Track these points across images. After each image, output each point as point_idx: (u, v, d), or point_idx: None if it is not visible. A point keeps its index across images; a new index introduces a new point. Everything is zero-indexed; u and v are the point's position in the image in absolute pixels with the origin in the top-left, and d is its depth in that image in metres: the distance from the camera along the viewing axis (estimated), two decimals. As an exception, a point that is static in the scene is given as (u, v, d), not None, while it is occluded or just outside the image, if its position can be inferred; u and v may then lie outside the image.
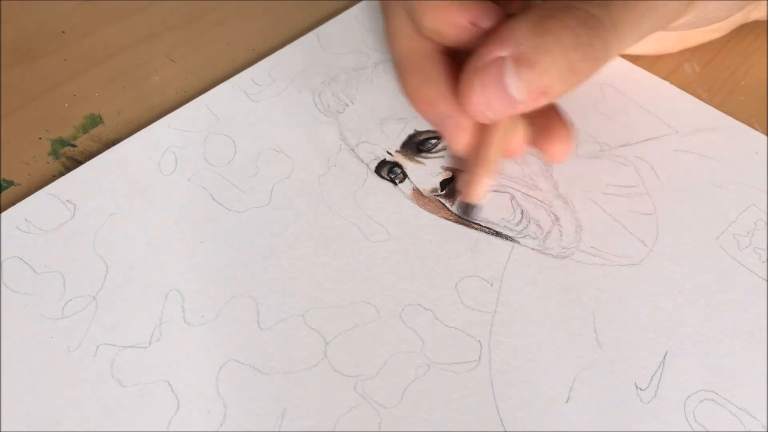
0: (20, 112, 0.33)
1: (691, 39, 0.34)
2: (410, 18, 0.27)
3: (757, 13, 0.34)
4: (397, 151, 0.31)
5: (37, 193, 0.29)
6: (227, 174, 0.30)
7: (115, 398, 0.24)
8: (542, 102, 0.24)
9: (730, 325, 0.26)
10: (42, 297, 0.26)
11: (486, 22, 0.26)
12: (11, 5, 0.37)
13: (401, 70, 0.28)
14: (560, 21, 0.23)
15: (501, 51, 0.23)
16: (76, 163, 0.30)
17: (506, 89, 0.24)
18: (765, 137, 0.31)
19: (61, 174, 0.30)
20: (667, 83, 0.34)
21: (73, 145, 0.31)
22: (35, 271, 0.26)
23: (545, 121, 0.28)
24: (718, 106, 0.33)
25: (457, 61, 0.27)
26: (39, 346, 0.25)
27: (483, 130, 0.27)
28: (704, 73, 0.34)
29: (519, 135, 0.27)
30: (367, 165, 0.30)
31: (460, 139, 0.27)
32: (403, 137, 0.31)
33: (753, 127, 0.32)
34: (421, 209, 0.29)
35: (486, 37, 0.25)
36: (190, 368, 0.24)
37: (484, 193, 0.28)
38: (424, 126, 0.32)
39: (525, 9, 0.24)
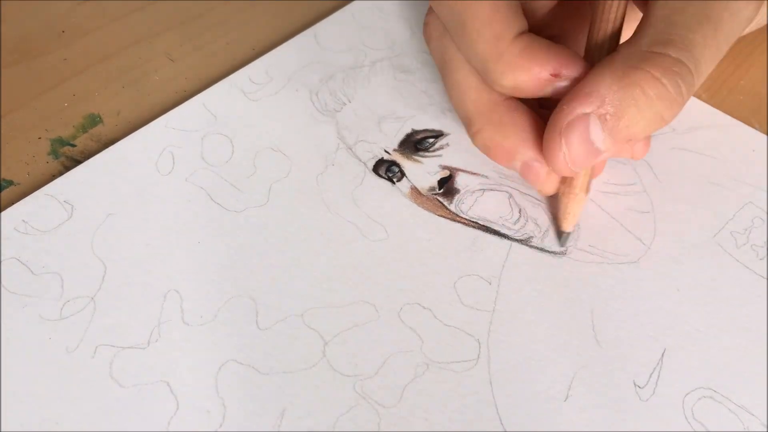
0: (20, 111, 0.32)
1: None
2: (480, 74, 0.27)
3: None
4: (395, 150, 0.31)
5: (35, 193, 0.28)
6: (225, 173, 0.30)
7: (114, 399, 0.24)
8: (628, 148, 0.24)
9: (728, 322, 0.26)
10: (40, 298, 0.26)
11: (568, 72, 0.25)
12: (11, 5, 0.37)
13: (473, 125, 0.28)
14: (645, 72, 0.23)
15: (585, 107, 0.23)
16: (75, 162, 0.30)
17: (591, 144, 0.23)
18: (762, 135, 0.31)
19: (61, 174, 0.30)
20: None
21: (73, 145, 0.31)
22: (33, 272, 0.26)
23: None
24: (718, 106, 0.33)
25: (529, 104, 0.27)
26: (37, 347, 0.25)
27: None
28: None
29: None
30: (365, 164, 0.30)
31: (549, 184, 0.27)
32: (401, 136, 0.31)
33: (753, 126, 0.32)
34: (419, 208, 0.29)
35: (569, 92, 0.24)
36: (189, 368, 0.24)
37: (577, 219, 0.28)
38: (421, 125, 0.32)
39: (606, 59, 0.24)
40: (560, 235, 0.28)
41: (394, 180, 0.30)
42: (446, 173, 0.30)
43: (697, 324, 0.26)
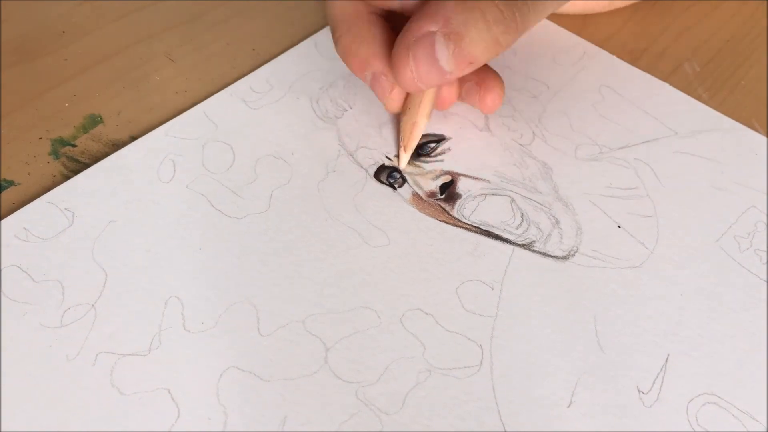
0: (20, 111, 0.33)
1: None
2: None
3: None
4: (395, 156, 0.31)
5: (35, 201, 0.28)
6: (226, 181, 0.30)
7: (115, 406, 0.24)
8: (468, 71, 0.26)
9: (732, 327, 0.26)
10: (41, 305, 0.26)
11: None
12: (11, 5, 0.37)
13: (336, 30, 0.29)
14: None
15: (431, 26, 0.25)
16: (76, 163, 0.30)
17: (437, 62, 0.25)
18: (764, 138, 0.31)
19: (61, 174, 0.30)
20: (665, 84, 0.34)
21: (73, 145, 0.31)
22: (34, 280, 0.26)
23: (478, 77, 0.30)
24: (718, 106, 0.32)
25: (390, 22, 0.29)
26: (38, 354, 0.25)
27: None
28: (704, 72, 0.34)
29: (449, 88, 0.30)
30: (366, 170, 0.30)
31: (393, 97, 0.29)
32: (402, 141, 0.31)
33: (753, 127, 0.32)
34: (421, 213, 0.29)
35: (415, 7, 0.27)
36: (191, 375, 0.24)
37: (404, 162, 0.30)
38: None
39: None
40: (399, 157, 0.30)
41: (396, 186, 0.30)
42: (448, 178, 0.30)
43: (701, 329, 0.26)
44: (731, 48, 0.35)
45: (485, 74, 0.30)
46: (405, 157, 0.30)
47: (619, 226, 0.28)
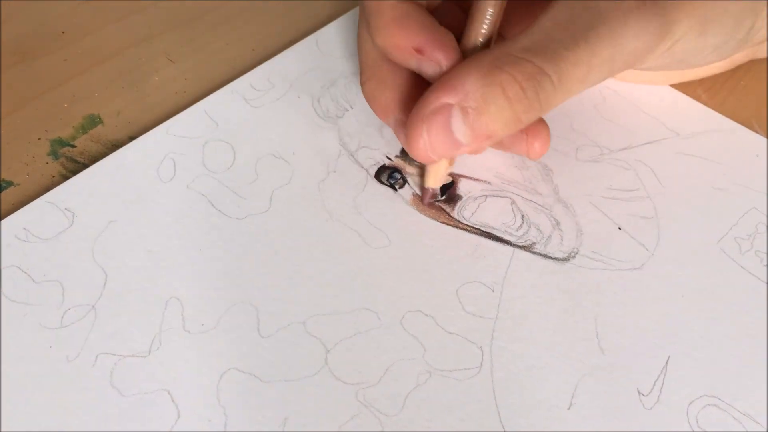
0: (20, 112, 0.32)
1: (678, 75, 0.33)
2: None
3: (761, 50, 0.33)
4: (396, 156, 0.31)
5: (35, 201, 0.28)
6: (226, 180, 0.30)
7: (115, 408, 0.24)
8: (487, 145, 0.25)
9: (733, 329, 0.26)
10: (41, 306, 0.26)
11: (432, 53, 0.26)
12: (11, 5, 0.37)
13: (362, 73, 0.29)
14: (508, 74, 0.24)
15: (449, 98, 0.24)
16: (75, 163, 0.30)
17: (452, 135, 0.24)
18: (765, 140, 0.31)
19: (60, 174, 0.30)
20: (666, 86, 0.34)
21: (73, 146, 0.31)
22: (34, 280, 0.26)
23: None
24: (718, 107, 0.32)
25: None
26: (38, 355, 0.25)
27: None
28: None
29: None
30: (367, 170, 0.30)
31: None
32: (403, 142, 0.31)
33: (753, 128, 0.32)
34: (422, 215, 0.29)
35: (433, 71, 0.26)
36: (191, 377, 0.24)
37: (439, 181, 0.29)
38: (423, 130, 0.31)
39: (475, 56, 0.25)
40: (421, 190, 0.29)
41: (396, 186, 0.30)
42: (448, 180, 0.30)
43: (702, 331, 0.26)
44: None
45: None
46: (427, 186, 0.29)
47: (619, 228, 0.28)
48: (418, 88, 0.27)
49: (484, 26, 0.26)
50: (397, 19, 0.26)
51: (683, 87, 0.33)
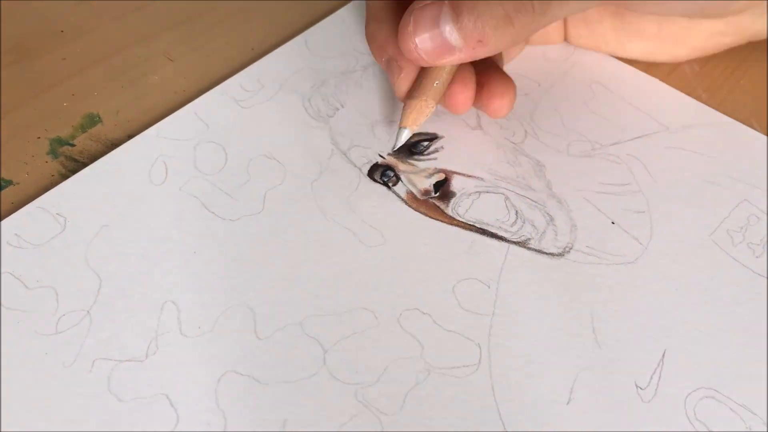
0: (19, 111, 0.32)
1: (702, 46, 0.33)
2: None
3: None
4: (389, 154, 0.31)
5: (26, 207, 0.28)
6: (219, 182, 0.29)
7: (113, 413, 0.23)
8: (480, 52, 0.25)
9: (727, 321, 0.26)
10: (35, 312, 0.25)
11: None
12: (10, 4, 0.37)
13: (366, 18, 0.29)
14: None
15: None
16: (74, 162, 0.30)
17: (442, 33, 0.24)
18: (752, 131, 0.32)
19: (60, 173, 0.30)
20: (655, 80, 0.34)
21: (72, 145, 0.31)
22: (27, 287, 0.26)
23: (488, 79, 0.29)
24: (718, 106, 0.33)
25: None
26: (34, 362, 0.24)
27: (421, 76, 0.28)
28: (703, 72, 0.34)
29: (466, 89, 0.28)
30: (360, 169, 0.30)
31: (401, 82, 0.28)
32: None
33: (752, 126, 0.32)
34: (416, 212, 0.29)
35: None
36: (189, 380, 0.24)
37: (401, 142, 0.29)
38: (415, 128, 0.31)
39: None
40: (399, 133, 0.29)
41: (390, 184, 0.30)
42: (442, 176, 0.30)
43: (697, 323, 0.26)
44: (731, 48, 0.35)
45: (496, 75, 0.29)
46: (401, 136, 0.29)
47: (613, 222, 0.29)
48: None
49: None
50: None
51: (683, 86, 0.34)
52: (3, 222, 0.28)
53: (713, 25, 0.32)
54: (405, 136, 0.29)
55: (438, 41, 0.25)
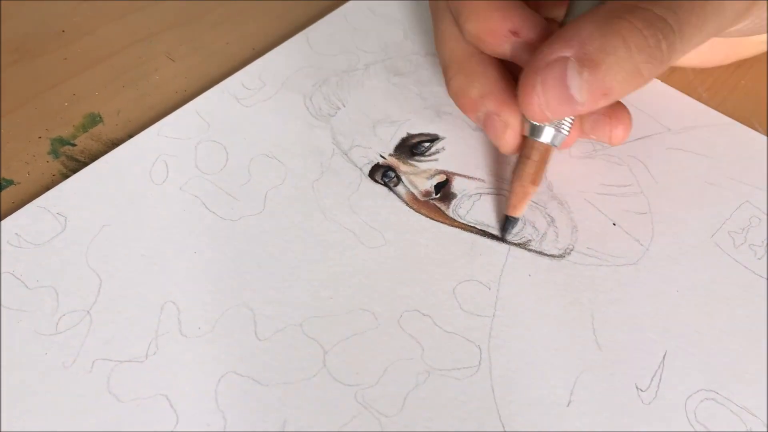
0: (20, 111, 0.32)
1: (742, 50, 0.33)
2: (455, 21, 0.28)
3: None
4: (390, 155, 0.31)
5: (26, 206, 0.28)
6: (220, 181, 0.29)
7: (113, 414, 0.23)
8: (602, 104, 0.24)
9: (728, 323, 0.26)
10: (35, 312, 0.25)
11: (528, 33, 0.26)
12: (11, 4, 0.37)
13: (447, 71, 0.29)
14: (627, 22, 0.23)
15: (565, 51, 0.23)
16: (75, 162, 0.30)
17: (568, 90, 0.23)
18: (754, 132, 0.31)
19: (61, 173, 0.30)
20: (656, 80, 0.34)
21: (73, 144, 0.31)
22: (27, 287, 0.26)
23: (602, 109, 0.28)
24: (718, 106, 0.33)
25: (504, 63, 0.28)
26: (34, 362, 0.24)
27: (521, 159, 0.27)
28: (704, 73, 0.34)
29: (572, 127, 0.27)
30: (361, 169, 0.30)
31: (507, 138, 0.27)
32: (396, 140, 0.31)
33: (753, 126, 0.32)
34: (417, 213, 0.29)
35: (527, 54, 0.25)
36: (188, 381, 0.24)
37: (526, 205, 0.28)
38: (416, 128, 0.31)
39: (591, 10, 0.24)
40: (504, 221, 0.28)
41: (391, 185, 0.30)
42: (442, 178, 0.30)
43: (697, 325, 0.26)
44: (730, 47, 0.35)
45: (612, 104, 0.28)
46: (509, 216, 0.28)
47: (614, 224, 0.28)
48: (508, 81, 0.27)
49: None
50: (492, 3, 0.26)
51: (684, 86, 0.34)
52: (3, 222, 0.28)
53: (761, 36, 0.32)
54: (514, 226, 0.28)
55: (565, 98, 0.23)
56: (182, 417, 0.23)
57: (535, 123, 0.26)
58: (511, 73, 0.28)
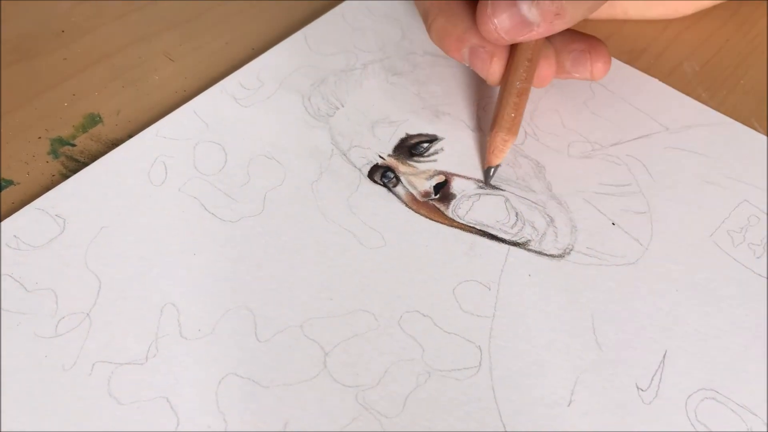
0: (20, 111, 0.32)
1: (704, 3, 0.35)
2: None
3: None
4: (389, 155, 0.31)
5: (25, 208, 0.28)
6: (218, 183, 0.29)
7: (113, 416, 0.23)
8: (558, 26, 0.25)
9: (728, 322, 0.26)
10: (34, 315, 0.25)
11: None
12: (11, 4, 0.37)
13: (427, 17, 0.29)
14: None
15: None
16: (75, 162, 0.30)
17: (519, 11, 0.25)
18: (753, 132, 0.32)
19: (61, 173, 0.30)
20: (655, 80, 0.34)
21: (73, 145, 0.31)
22: (26, 289, 0.26)
23: (583, 44, 0.30)
24: (718, 106, 0.33)
25: None
26: (33, 365, 0.24)
27: (511, 59, 0.29)
28: (704, 72, 0.34)
29: (547, 61, 0.29)
30: (360, 170, 0.30)
31: (494, 66, 0.29)
32: (395, 141, 0.31)
33: (753, 126, 0.32)
34: (416, 214, 0.29)
35: None
36: (189, 383, 0.24)
37: (505, 153, 0.29)
38: (415, 129, 0.31)
39: None
40: (485, 174, 0.30)
41: (390, 186, 0.30)
42: (441, 178, 0.30)
43: (697, 324, 0.26)
44: (731, 47, 0.35)
45: (589, 40, 0.30)
46: (490, 166, 0.29)
47: (613, 223, 0.29)
48: None
49: None
50: None
51: (682, 86, 0.34)
52: (2, 224, 0.27)
53: None
54: (495, 172, 0.30)
55: (517, 19, 0.25)
56: (183, 419, 0.23)
57: None
58: None
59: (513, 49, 0.29)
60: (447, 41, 0.29)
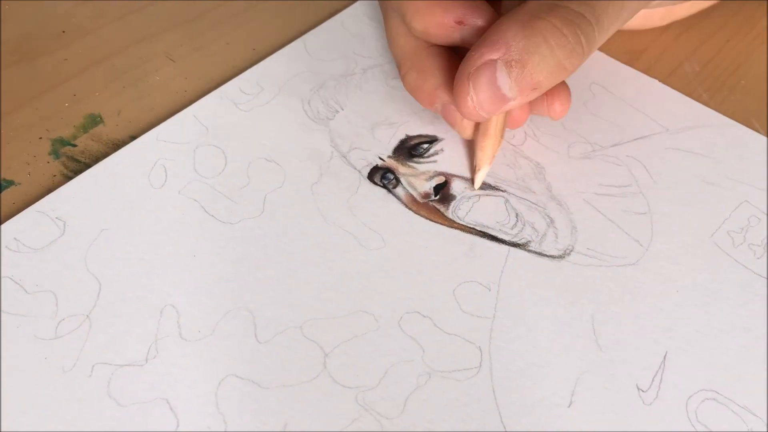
0: (20, 111, 0.32)
1: (678, 11, 0.35)
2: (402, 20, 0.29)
3: None
4: (389, 157, 0.31)
5: (25, 210, 0.28)
6: (218, 185, 0.29)
7: (113, 418, 0.23)
8: (534, 96, 0.25)
9: (729, 322, 0.26)
10: (34, 317, 0.25)
11: (473, 20, 0.27)
12: (11, 4, 0.37)
13: (401, 67, 0.30)
14: (547, 21, 0.24)
15: (492, 54, 0.24)
16: (76, 163, 0.30)
17: (499, 90, 0.25)
18: (753, 132, 0.32)
19: (62, 174, 0.30)
20: (655, 81, 0.34)
21: (74, 145, 0.31)
22: (26, 291, 0.26)
23: None
24: (718, 106, 0.33)
25: (455, 53, 0.29)
26: (33, 367, 0.24)
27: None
28: (704, 72, 0.34)
29: (523, 111, 0.29)
30: (360, 171, 0.30)
31: (466, 125, 0.29)
32: (395, 142, 0.31)
33: (753, 127, 0.32)
34: (416, 215, 0.29)
35: (476, 39, 0.26)
36: (189, 385, 0.24)
37: (481, 180, 0.30)
38: (415, 130, 0.31)
39: (512, 9, 0.25)
40: (474, 175, 0.30)
41: (390, 187, 0.30)
42: (441, 179, 0.30)
43: (698, 325, 0.26)
44: (731, 48, 0.36)
45: None
46: (481, 175, 0.29)
47: (613, 224, 0.28)
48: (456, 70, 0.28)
49: None
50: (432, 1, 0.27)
51: (683, 86, 0.34)
52: (2, 226, 0.27)
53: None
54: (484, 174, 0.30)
55: (495, 98, 0.25)
56: (182, 420, 0.23)
57: None
58: (459, 62, 0.28)
59: None
60: (419, 96, 0.29)
